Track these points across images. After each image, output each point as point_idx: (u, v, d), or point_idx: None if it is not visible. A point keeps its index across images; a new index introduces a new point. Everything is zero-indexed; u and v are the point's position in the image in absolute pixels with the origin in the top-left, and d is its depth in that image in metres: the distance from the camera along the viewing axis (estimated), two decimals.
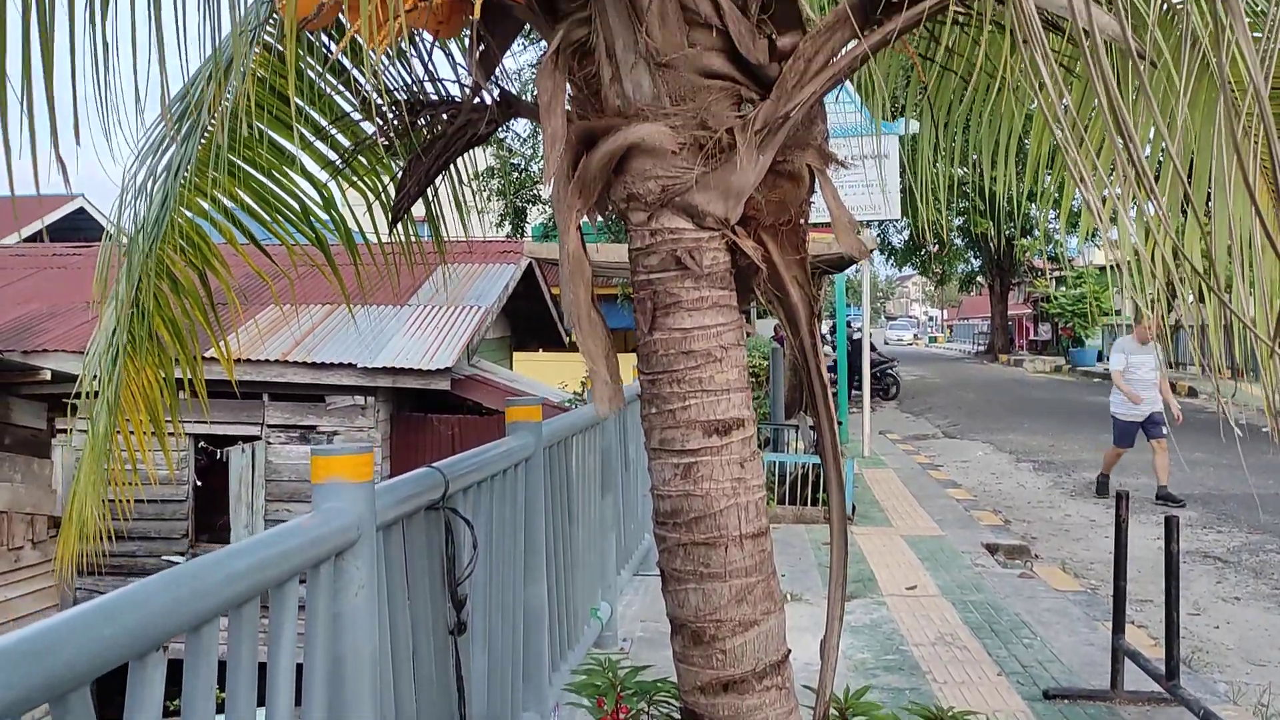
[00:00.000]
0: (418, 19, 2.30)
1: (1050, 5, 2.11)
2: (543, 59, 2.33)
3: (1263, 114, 0.99)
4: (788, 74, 2.26)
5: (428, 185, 2.97)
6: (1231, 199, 1.83)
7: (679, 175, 2.28)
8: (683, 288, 2.31)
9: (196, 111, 3.34)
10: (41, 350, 10.44)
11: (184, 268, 3.79)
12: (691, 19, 2.23)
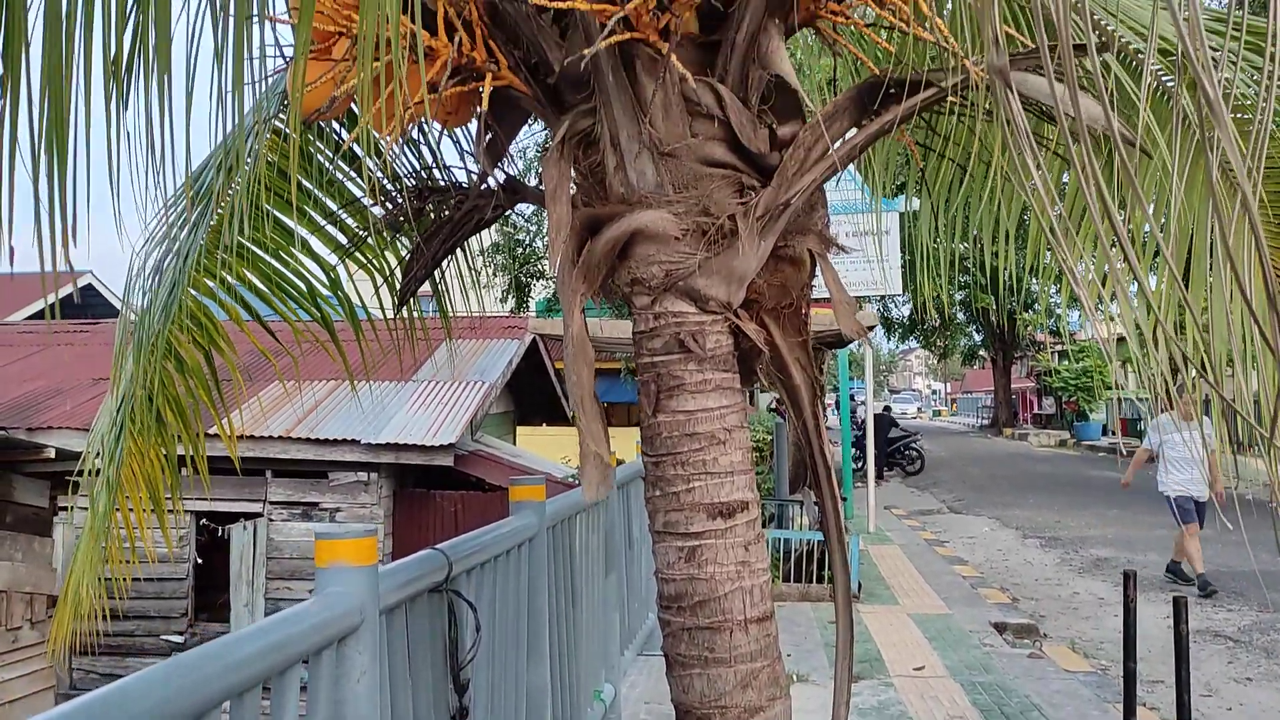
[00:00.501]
0: (427, 109, 2.36)
1: (1041, 96, 2.17)
2: (549, 149, 2.39)
3: (1250, 216, 1.02)
4: (788, 163, 2.31)
5: (434, 268, 3.02)
6: (1228, 288, 1.86)
7: (682, 260, 2.32)
8: (686, 370, 2.33)
9: (207, 198, 3.41)
10: (46, 428, 10.45)
11: (190, 348, 3.83)
12: (694, 110, 2.29)
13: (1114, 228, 1.42)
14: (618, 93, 2.26)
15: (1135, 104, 2.55)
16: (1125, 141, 2.19)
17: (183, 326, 3.71)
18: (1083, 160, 1.17)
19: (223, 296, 3.79)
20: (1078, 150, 1.02)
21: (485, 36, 2.30)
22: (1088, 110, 2.10)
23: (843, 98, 2.36)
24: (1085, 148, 1.37)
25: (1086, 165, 1.32)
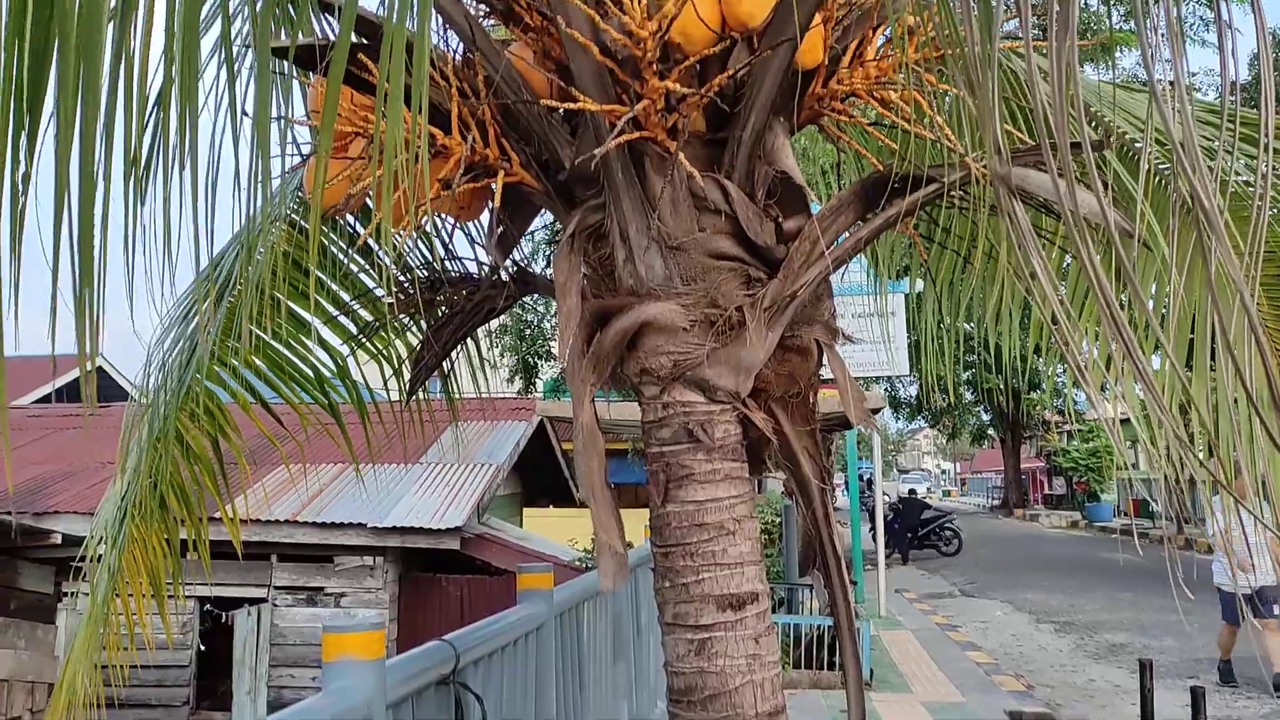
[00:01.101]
0: (440, 205, 2.41)
1: (1042, 191, 2.21)
2: (559, 243, 2.44)
3: (1250, 318, 1.04)
4: (794, 255, 2.35)
5: (444, 358, 3.05)
6: (1230, 380, 1.88)
7: (690, 351, 2.34)
8: (695, 460, 2.34)
9: (221, 287, 3.46)
10: (53, 512, 10.43)
11: (197, 434, 3.85)
12: (701, 205, 2.34)
13: (1115, 319, 1.44)
14: (627, 189, 2.31)
15: (1135, 194, 2.60)
16: (1125, 234, 2.23)
17: (191, 413, 3.74)
18: (1084, 256, 1.20)
19: (231, 383, 3.83)
20: (1078, 241, 1.04)
21: (498, 135, 2.37)
22: (1088, 205, 2.14)
23: (847, 192, 2.40)
24: (1085, 246, 1.40)
25: (1087, 262, 1.35)
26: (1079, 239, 1.10)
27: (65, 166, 1.70)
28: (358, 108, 2.31)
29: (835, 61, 2.39)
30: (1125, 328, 1.09)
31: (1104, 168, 2.45)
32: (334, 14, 2.77)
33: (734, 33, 2.20)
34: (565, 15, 2.12)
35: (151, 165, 2.42)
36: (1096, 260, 1.38)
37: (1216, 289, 1.39)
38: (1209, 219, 0.95)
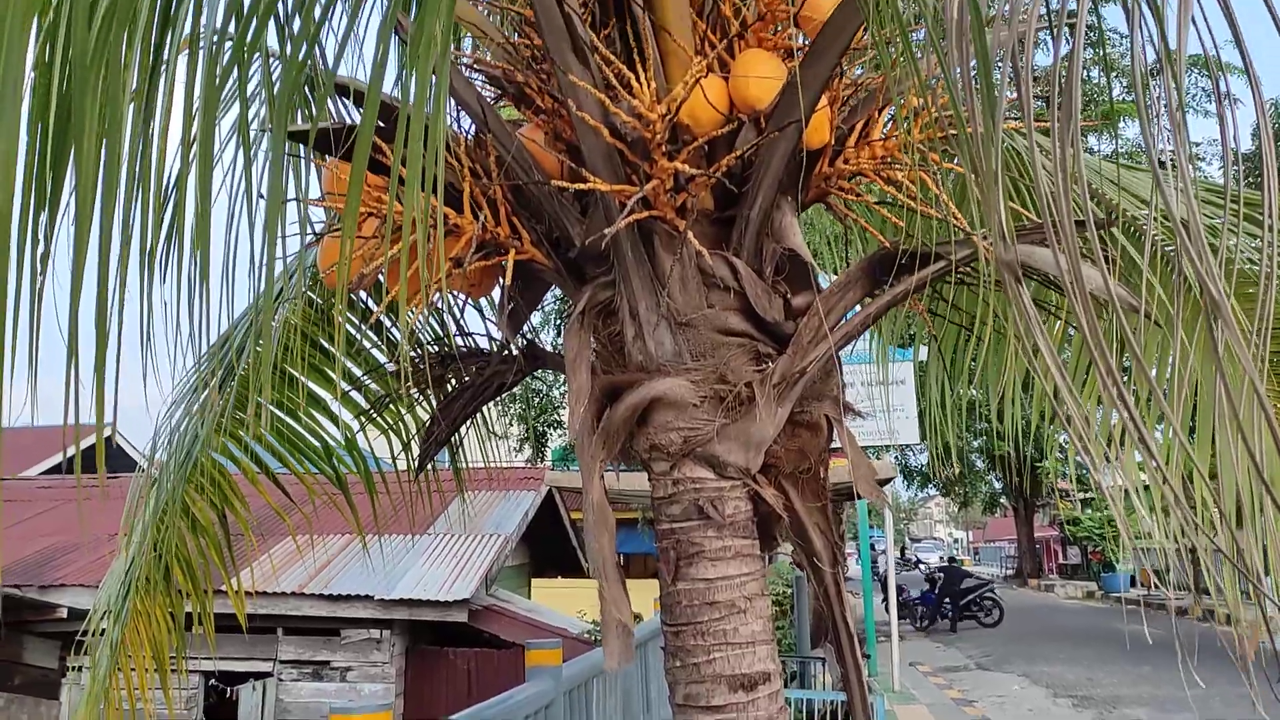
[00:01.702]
0: (452, 283, 2.44)
1: (1047, 267, 2.23)
2: (569, 319, 2.46)
3: (1261, 401, 1.04)
4: (803, 331, 2.36)
5: (454, 433, 3.06)
6: (1237, 453, 1.87)
7: (700, 427, 2.35)
8: (705, 537, 2.33)
9: (232, 361, 3.49)
10: (59, 585, 10.37)
11: (204, 507, 3.85)
12: (710, 282, 2.36)
13: (1119, 396, 1.44)
14: (636, 267, 2.33)
15: (1140, 270, 2.61)
16: (1130, 309, 2.24)
17: (199, 486, 3.74)
18: (1086, 333, 1.20)
19: (239, 456, 3.83)
20: (1083, 320, 1.05)
21: (509, 214, 2.40)
22: (1094, 280, 2.16)
23: (855, 268, 2.43)
24: (1090, 320, 1.40)
25: (1089, 338, 1.36)
26: (1084, 317, 1.11)
27: (85, 245, 1.73)
28: (371, 188, 2.35)
29: (842, 141, 2.43)
30: (1129, 402, 1.09)
31: (1110, 244, 2.47)
32: (348, 96, 2.83)
33: (741, 115, 2.24)
34: (576, 99, 2.17)
35: (170, 242, 2.46)
36: (1101, 337, 1.39)
37: (1223, 363, 1.39)
38: (1215, 304, 0.96)
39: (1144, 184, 2.72)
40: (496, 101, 2.60)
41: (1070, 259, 1.24)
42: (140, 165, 1.92)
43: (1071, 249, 1.22)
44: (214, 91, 1.59)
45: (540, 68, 2.37)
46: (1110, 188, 2.71)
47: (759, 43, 2.28)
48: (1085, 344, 2.94)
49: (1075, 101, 1.00)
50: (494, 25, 2.67)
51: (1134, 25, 1.01)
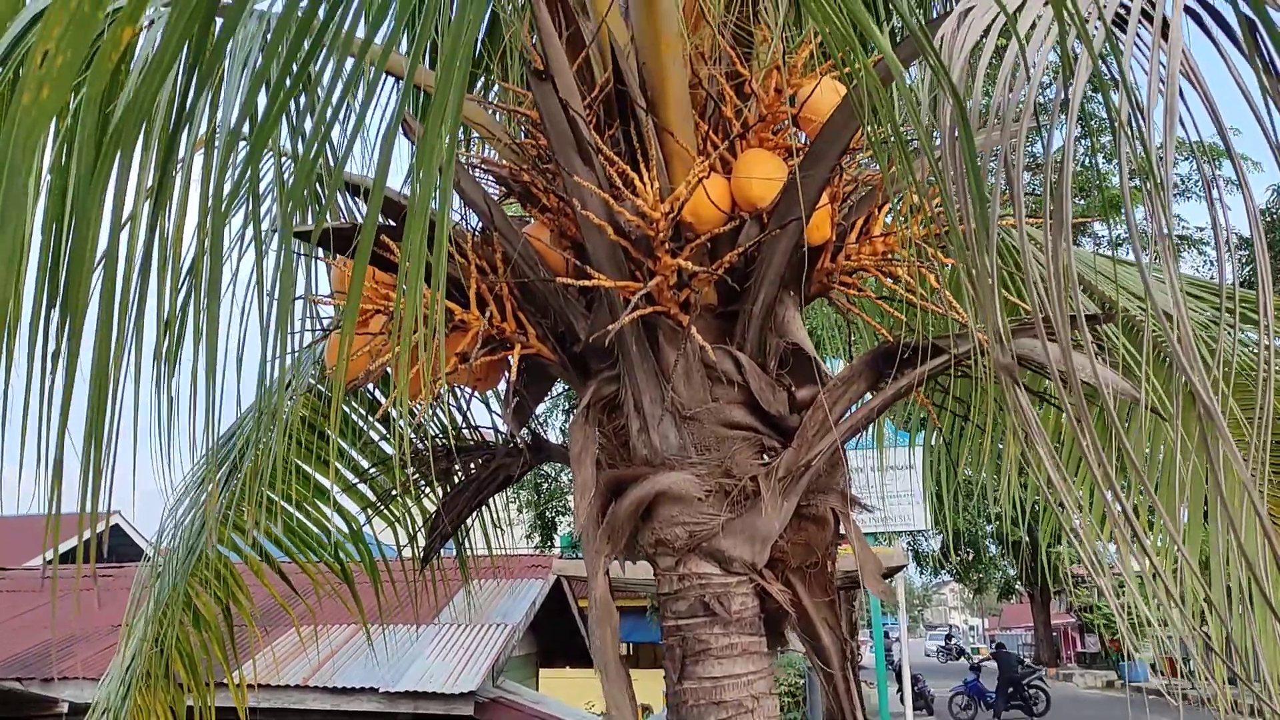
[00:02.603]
0: (458, 377, 2.46)
1: (1042, 359, 2.23)
2: (574, 414, 2.46)
3: (1259, 514, 1.04)
4: (807, 425, 2.37)
5: (459, 525, 3.04)
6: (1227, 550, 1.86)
7: (705, 521, 2.33)
8: (712, 634, 2.30)
9: (239, 452, 3.50)
10: (61, 678, 10.21)
11: (208, 600, 3.82)
12: (714, 376, 2.37)
13: (1113, 488, 1.43)
14: (641, 361, 2.35)
15: (1139, 359, 2.62)
16: (1130, 399, 2.24)
17: (203, 579, 3.72)
18: (1079, 433, 1.21)
19: (244, 548, 3.82)
20: (1074, 424, 1.05)
21: (515, 309, 2.43)
22: (1091, 372, 2.16)
23: (858, 362, 2.44)
24: (1086, 423, 1.40)
25: (1082, 431, 1.36)
26: (1080, 403, 1.11)
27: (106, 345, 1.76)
28: (379, 285, 2.38)
29: (843, 237, 2.46)
30: (1119, 495, 1.09)
31: (1107, 337, 2.48)
32: (358, 193, 2.89)
33: (743, 212, 2.28)
34: (581, 198, 2.21)
35: (180, 338, 2.49)
36: (1091, 429, 1.39)
37: (1220, 464, 1.39)
38: (1209, 412, 0.97)
39: (1137, 278, 2.75)
40: (503, 200, 2.65)
41: (1064, 354, 1.24)
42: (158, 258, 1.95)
43: (1065, 346, 1.23)
44: (219, 199, 1.62)
45: (545, 167, 2.42)
46: (1110, 280, 2.73)
47: (760, 142, 2.33)
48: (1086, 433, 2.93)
49: (1066, 213, 1.02)
50: (500, 126, 2.74)
51: (1119, 144, 1.04)
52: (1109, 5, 1.29)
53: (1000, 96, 1.36)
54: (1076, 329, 1.47)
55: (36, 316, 1.94)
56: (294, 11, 1.30)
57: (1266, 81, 1.19)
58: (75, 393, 1.79)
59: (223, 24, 1.82)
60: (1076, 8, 1.10)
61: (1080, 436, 1.02)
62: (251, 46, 2.17)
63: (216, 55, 1.74)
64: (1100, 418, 2.24)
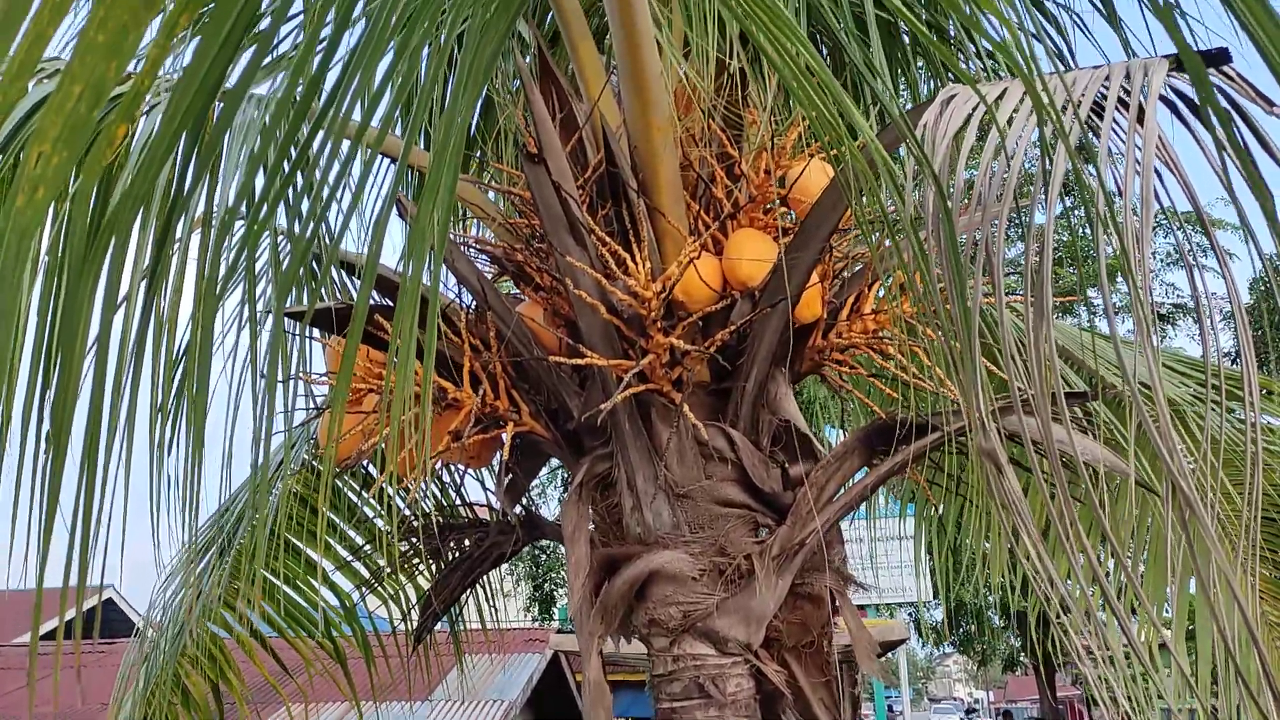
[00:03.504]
0: (450, 455, 2.45)
1: (1033, 434, 2.23)
2: (568, 492, 2.46)
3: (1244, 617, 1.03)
4: (801, 502, 2.36)
5: (453, 603, 3.01)
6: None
7: (700, 601, 2.31)
8: (708, 717, 2.27)
9: (231, 528, 3.48)
10: None
11: (198, 680, 3.76)
12: (707, 453, 2.37)
13: (1095, 577, 1.43)
14: (634, 438, 2.35)
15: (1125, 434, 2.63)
16: (1120, 474, 2.24)
17: (192, 658, 3.67)
18: (1056, 517, 1.20)
19: (235, 626, 3.77)
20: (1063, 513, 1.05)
21: (508, 387, 2.44)
22: (1086, 450, 2.17)
23: (852, 438, 2.44)
24: (1067, 505, 1.40)
25: (1063, 511, 1.35)
26: (1050, 499, 1.11)
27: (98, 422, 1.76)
28: (372, 364, 2.39)
29: (834, 315, 2.48)
30: (1105, 583, 1.08)
31: (1094, 413, 2.49)
32: (352, 271, 2.92)
33: (735, 291, 2.30)
34: (574, 278, 2.23)
35: (175, 415, 2.50)
36: (1071, 508, 1.39)
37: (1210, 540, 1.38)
38: (1187, 501, 0.97)
39: (1125, 353, 2.76)
40: (497, 278, 2.68)
41: (1044, 432, 1.25)
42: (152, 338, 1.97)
43: (1046, 425, 1.23)
44: (213, 283, 1.64)
45: (539, 246, 2.44)
46: (1093, 353, 2.75)
47: (751, 222, 2.36)
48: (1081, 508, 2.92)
49: (1047, 300, 1.03)
50: (494, 205, 2.78)
51: (1097, 234, 1.06)
52: (1087, 94, 1.32)
53: (982, 183, 1.38)
54: (1063, 406, 1.48)
55: (30, 397, 1.95)
56: (292, 96, 1.33)
57: (1244, 170, 1.21)
58: (69, 469, 1.78)
59: (223, 108, 1.86)
60: (1053, 99, 1.13)
61: (1057, 520, 1.02)
62: (249, 129, 2.21)
63: (216, 139, 1.78)
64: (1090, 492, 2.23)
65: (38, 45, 0.78)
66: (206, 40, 0.99)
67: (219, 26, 0.93)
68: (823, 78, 1.65)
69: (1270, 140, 1.20)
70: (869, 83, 1.91)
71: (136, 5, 0.83)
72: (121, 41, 0.83)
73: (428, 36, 1.44)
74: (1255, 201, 1.25)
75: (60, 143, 0.83)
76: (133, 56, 0.86)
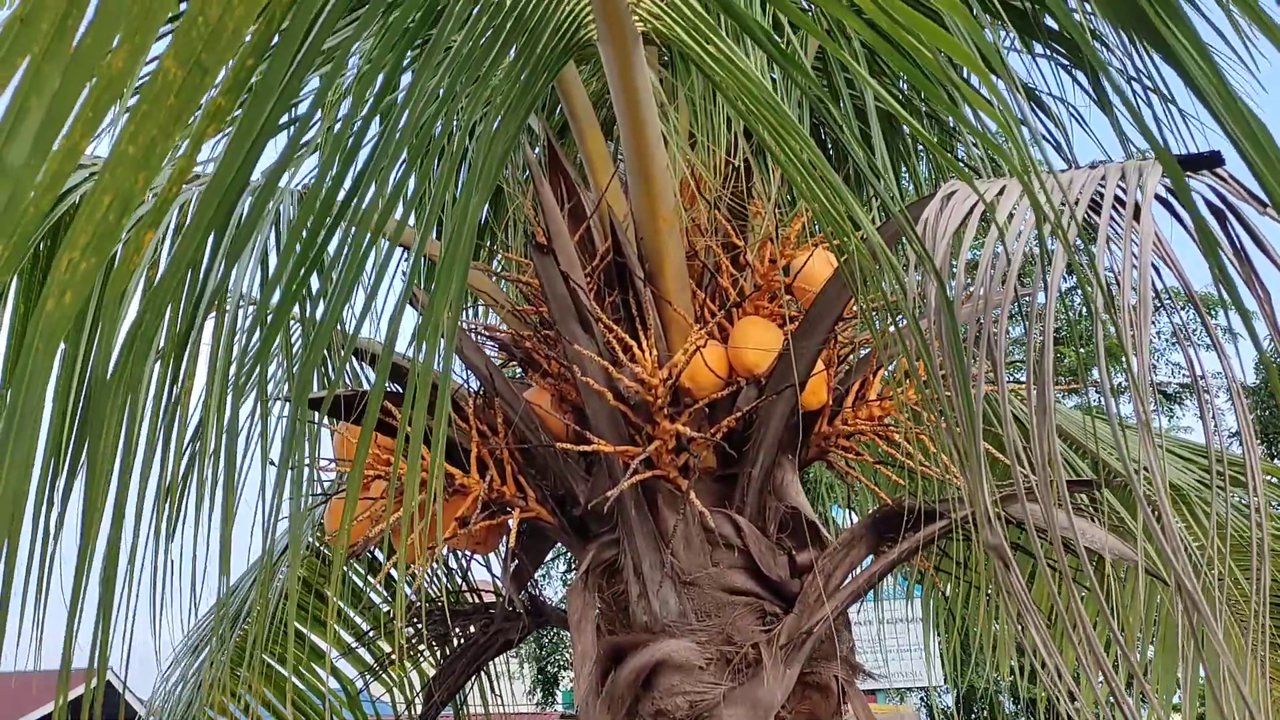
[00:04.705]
0: (457, 542, 2.45)
1: (1038, 523, 2.23)
2: (574, 579, 2.45)
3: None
4: (809, 589, 2.34)
5: (458, 690, 2.98)
6: None
7: (706, 691, 2.28)
8: None
9: (235, 616, 3.45)
10: None
11: None
12: (714, 540, 2.37)
13: (1103, 669, 1.42)
14: (640, 525, 2.35)
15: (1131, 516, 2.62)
16: (1127, 561, 2.23)
17: None
18: (1062, 605, 1.20)
19: (237, 714, 3.72)
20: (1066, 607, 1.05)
21: (515, 472, 2.44)
22: (1092, 538, 2.16)
23: (859, 525, 2.43)
24: (1073, 596, 1.39)
25: (1065, 601, 1.35)
26: (1056, 590, 1.11)
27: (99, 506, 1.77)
28: (380, 449, 2.41)
29: (839, 401, 2.50)
30: (1110, 673, 1.08)
31: (1101, 500, 2.49)
32: (361, 357, 2.95)
33: (740, 378, 2.32)
34: (581, 365, 2.26)
35: (182, 502, 2.50)
36: (1076, 598, 1.38)
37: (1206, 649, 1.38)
38: (1193, 604, 0.97)
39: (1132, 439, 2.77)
40: (504, 364, 2.71)
41: (1049, 522, 1.25)
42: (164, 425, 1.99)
43: (1050, 516, 1.24)
44: (225, 372, 1.67)
45: (546, 333, 2.48)
46: (1101, 441, 2.76)
47: (756, 310, 2.39)
48: (1087, 598, 2.89)
49: (1049, 398, 1.05)
50: (503, 293, 2.82)
51: (1097, 326, 1.08)
52: (1084, 193, 1.36)
53: (983, 278, 1.41)
54: (1065, 495, 1.48)
55: (43, 485, 1.96)
56: (318, 192, 1.37)
57: (1239, 267, 1.24)
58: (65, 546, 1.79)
59: (252, 203, 1.91)
60: (1050, 199, 1.16)
61: (1063, 612, 1.02)
62: (265, 219, 2.26)
63: (245, 233, 1.82)
64: (1096, 579, 2.23)
65: (69, 160, 0.81)
66: (231, 150, 1.03)
67: (242, 140, 0.97)
68: (824, 172, 1.69)
69: (1264, 238, 1.23)
70: (871, 183, 1.96)
71: (166, 120, 0.87)
72: (151, 155, 0.87)
73: (441, 142, 1.48)
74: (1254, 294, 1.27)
75: (89, 250, 0.87)
76: (160, 168, 0.89)
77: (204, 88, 0.89)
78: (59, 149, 0.83)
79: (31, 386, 0.83)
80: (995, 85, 1.18)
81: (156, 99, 0.85)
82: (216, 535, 2.04)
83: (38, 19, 0.71)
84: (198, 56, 0.86)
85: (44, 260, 2.24)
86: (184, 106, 0.87)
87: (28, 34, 0.70)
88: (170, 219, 2.06)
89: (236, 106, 1.11)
